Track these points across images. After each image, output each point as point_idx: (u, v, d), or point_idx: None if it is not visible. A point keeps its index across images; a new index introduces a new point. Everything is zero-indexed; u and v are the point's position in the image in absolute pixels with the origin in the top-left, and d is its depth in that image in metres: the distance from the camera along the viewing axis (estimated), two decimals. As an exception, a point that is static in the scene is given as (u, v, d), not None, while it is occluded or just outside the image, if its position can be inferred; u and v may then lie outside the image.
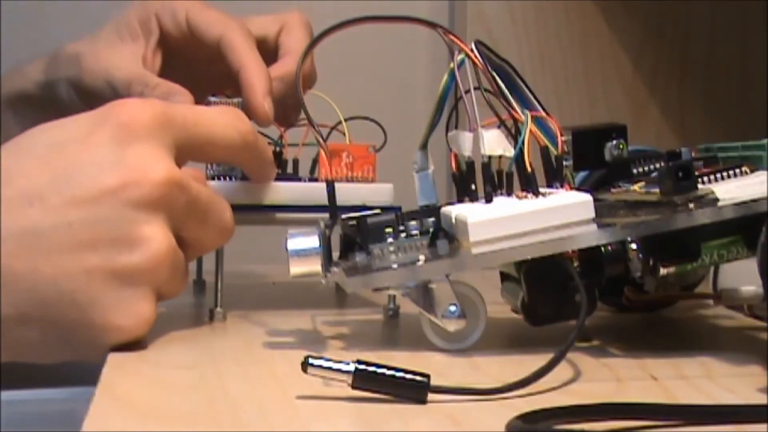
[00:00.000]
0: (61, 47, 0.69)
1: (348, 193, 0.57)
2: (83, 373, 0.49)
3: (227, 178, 0.58)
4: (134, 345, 0.49)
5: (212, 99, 0.60)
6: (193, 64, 0.67)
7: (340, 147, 0.59)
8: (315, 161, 0.62)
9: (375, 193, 0.58)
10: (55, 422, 0.75)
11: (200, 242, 0.52)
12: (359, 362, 0.41)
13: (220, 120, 0.53)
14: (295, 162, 0.62)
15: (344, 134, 0.61)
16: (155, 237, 0.48)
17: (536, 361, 0.43)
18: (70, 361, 0.50)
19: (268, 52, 0.65)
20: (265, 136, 0.61)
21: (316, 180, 0.60)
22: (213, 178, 0.57)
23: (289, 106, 0.64)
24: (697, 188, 0.49)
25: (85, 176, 0.48)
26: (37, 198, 0.47)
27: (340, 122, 0.61)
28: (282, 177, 0.60)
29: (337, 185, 0.52)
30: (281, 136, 0.62)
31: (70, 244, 0.47)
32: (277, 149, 0.62)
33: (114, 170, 0.48)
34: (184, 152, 0.52)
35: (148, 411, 0.39)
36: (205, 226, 0.52)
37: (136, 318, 0.48)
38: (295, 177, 0.62)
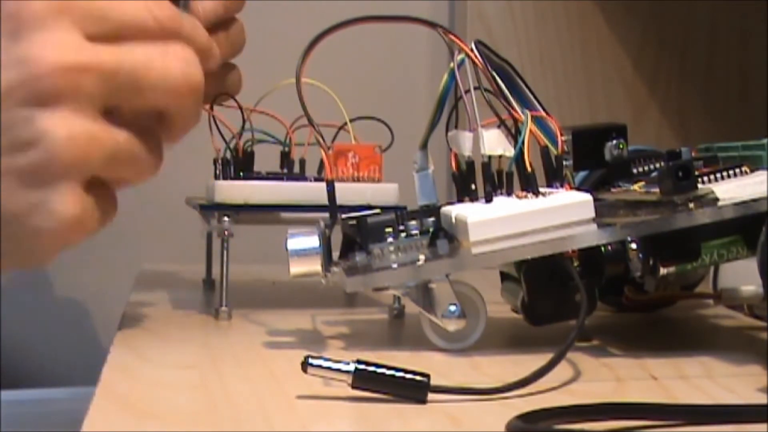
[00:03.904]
0: None
1: (353, 193, 0.57)
2: (83, 373, 0.49)
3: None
4: (132, 340, 0.49)
5: None
6: None
7: (347, 147, 0.59)
8: (322, 160, 0.62)
9: (379, 193, 0.58)
10: (55, 422, 0.75)
11: (163, 109, 0.46)
12: (359, 362, 0.40)
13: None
14: (302, 162, 0.62)
15: (349, 133, 0.61)
16: (52, 128, 0.44)
17: (536, 361, 0.43)
18: (68, 359, 0.49)
19: None
20: (270, 135, 0.61)
21: (322, 179, 0.60)
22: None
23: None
24: (697, 188, 0.49)
25: None
26: None
27: (345, 123, 0.61)
28: (288, 177, 0.60)
29: (341, 185, 0.52)
30: (288, 137, 0.62)
31: None
32: (285, 149, 0.62)
33: (7, 70, 0.44)
34: (94, 36, 0.45)
35: (148, 411, 0.39)
36: (144, 93, 0.45)
37: (56, 218, 0.44)
38: (301, 177, 0.62)
